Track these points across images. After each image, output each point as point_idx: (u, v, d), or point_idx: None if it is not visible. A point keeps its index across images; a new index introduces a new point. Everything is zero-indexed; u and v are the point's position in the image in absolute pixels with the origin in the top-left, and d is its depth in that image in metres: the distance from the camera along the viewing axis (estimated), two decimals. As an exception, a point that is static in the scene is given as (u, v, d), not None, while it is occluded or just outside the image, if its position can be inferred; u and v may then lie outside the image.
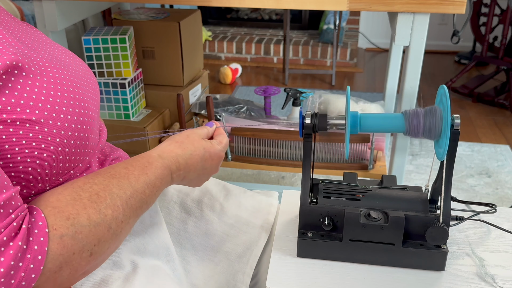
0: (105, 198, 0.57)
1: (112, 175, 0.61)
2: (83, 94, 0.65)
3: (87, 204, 0.56)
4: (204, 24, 4.09)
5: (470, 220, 0.85)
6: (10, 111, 0.54)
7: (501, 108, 2.92)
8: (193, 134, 0.75)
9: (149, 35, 1.69)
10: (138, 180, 0.62)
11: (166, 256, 0.77)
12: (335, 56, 3.24)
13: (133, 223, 0.62)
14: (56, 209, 0.54)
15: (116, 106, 1.60)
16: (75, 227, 0.53)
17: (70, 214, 0.54)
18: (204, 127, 0.79)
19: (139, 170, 0.63)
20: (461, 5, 1.11)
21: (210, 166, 0.75)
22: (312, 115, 0.74)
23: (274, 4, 1.21)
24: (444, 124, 0.70)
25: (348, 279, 0.72)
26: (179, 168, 0.69)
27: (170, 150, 0.69)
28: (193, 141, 0.73)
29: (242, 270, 0.83)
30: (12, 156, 0.55)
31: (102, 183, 0.59)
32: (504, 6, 3.14)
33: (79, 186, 0.58)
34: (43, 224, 0.52)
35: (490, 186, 2.12)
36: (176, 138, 0.73)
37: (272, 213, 0.90)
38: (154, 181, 0.64)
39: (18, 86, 0.56)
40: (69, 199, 0.55)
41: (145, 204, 0.63)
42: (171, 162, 0.68)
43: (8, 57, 0.55)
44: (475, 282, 0.71)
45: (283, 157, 1.58)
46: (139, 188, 0.62)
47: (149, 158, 0.66)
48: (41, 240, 0.51)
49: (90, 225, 0.55)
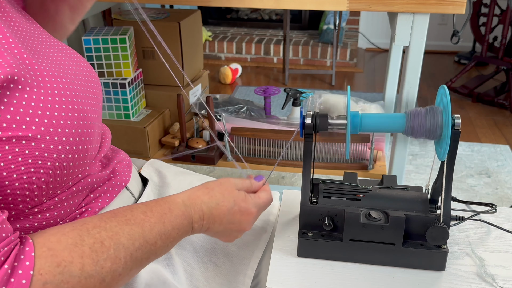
0: (109, 248, 0.54)
1: (127, 220, 0.58)
2: (83, 103, 0.63)
3: (87, 252, 0.52)
4: (204, 24, 4.09)
5: (470, 220, 0.85)
6: (5, 128, 0.52)
7: (501, 108, 2.92)
8: (228, 182, 0.70)
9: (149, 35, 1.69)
10: (152, 229, 0.59)
11: (165, 259, 0.76)
12: (335, 56, 3.24)
13: (135, 273, 0.59)
14: (50, 252, 0.50)
15: (116, 106, 1.60)
16: (63, 275, 0.50)
17: (62, 260, 0.50)
18: (246, 180, 0.73)
19: (157, 218, 0.60)
20: (461, 5, 1.11)
21: (239, 221, 0.70)
22: (312, 115, 0.74)
23: (274, 4, 1.21)
24: (445, 124, 0.70)
25: (348, 279, 0.72)
26: (202, 218, 0.65)
27: (196, 196, 0.66)
28: (224, 190, 0.68)
29: (243, 271, 0.83)
30: (7, 173, 0.53)
31: (113, 230, 0.56)
32: (504, 6, 3.14)
33: (87, 229, 0.54)
34: (30, 264, 0.48)
35: (490, 186, 2.12)
36: (208, 184, 0.69)
37: (273, 214, 0.89)
38: (170, 232, 0.61)
39: (14, 100, 0.53)
40: (70, 243, 0.52)
41: (154, 255, 0.60)
42: (193, 211, 0.64)
43: (4, 70, 0.53)
44: (475, 282, 0.72)
45: (283, 157, 1.58)
46: (151, 239, 0.58)
47: (171, 204, 0.63)
48: (23, 283, 0.47)
49: (80, 276, 0.51)
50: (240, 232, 0.72)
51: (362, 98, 1.65)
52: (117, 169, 0.77)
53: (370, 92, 3.19)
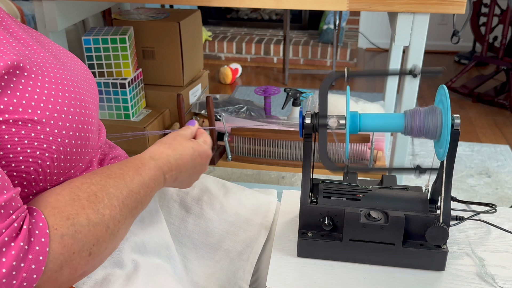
0: (103, 198, 0.58)
1: (108, 175, 0.62)
2: (83, 94, 0.66)
3: (86, 204, 0.56)
4: (204, 24, 4.09)
5: (470, 220, 0.85)
6: (12, 111, 0.55)
7: (501, 108, 2.92)
8: (179, 136, 0.76)
9: (149, 35, 1.69)
10: (133, 180, 0.63)
11: (167, 255, 0.77)
12: (335, 56, 3.24)
13: (130, 223, 0.63)
14: (56, 210, 0.54)
15: (116, 106, 1.60)
16: (75, 226, 0.54)
17: (69, 214, 0.54)
18: (187, 128, 0.80)
19: (133, 171, 0.64)
20: (461, 5, 1.11)
21: (200, 164, 0.77)
22: (312, 115, 0.74)
23: (274, 4, 1.21)
24: (444, 124, 0.70)
25: (348, 279, 0.72)
26: (171, 169, 0.70)
27: (160, 152, 0.71)
28: (181, 142, 0.74)
29: (243, 267, 0.84)
30: (14, 156, 0.55)
31: (99, 183, 0.60)
32: (504, 6, 3.14)
33: (77, 186, 0.58)
34: (44, 225, 0.52)
35: (490, 186, 2.12)
36: (164, 140, 0.74)
37: (272, 211, 0.90)
38: (148, 182, 0.65)
39: (19, 86, 0.56)
40: (68, 200, 0.56)
41: (140, 204, 0.64)
42: (163, 163, 0.69)
43: (10, 57, 0.55)
44: (475, 282, 0.71)
45: (283, 157, 1.58)
46: (134, 188, 0.63)
47: (141, 159, 0.68)
48: (42, 241, 0.51)
49: (89, 225, 0.55)
50: (199, 174, 0.79)
51: (362, 98, 1.65)
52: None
53: (370, 92, 3.19)
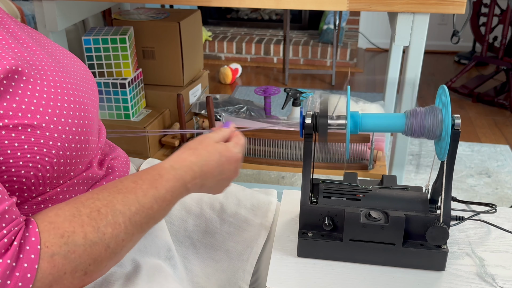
0: (106, 215, 0.55)
1: (118, 189, 0.59)
2: (83, 97, 0.65)
3: (86, 221, 0.54)
4: (204, 24, 4.09)
5: (470, 220, 0.85)
6: (11, 116, 0.54)
7: (501, 108, 2.92)
8: (207, 138, 0.71)
9: (149, 35, 1.69)
10: (146, 195, 0.59)
11: (167, 255, 0.77)
12: (335, 56, 3.24)
13: (138, 239, 0.60)
14: (52, 225, 0.52)
15: (116, 106, 1.60)
16: (68, 246, 0.52)
17: (65, 231, 0.52)
18: (219, 130, 0.75)
19: (148, 184, 0.61)
20: (461, 5, 1.11)
21: (228, 170, 0.71)
22: (312, 115, 0.74)
23: (274, 4, 1.21)
24: (445, 124, 0.70)
25: (348, 279, 0.72)
26: (195, 177, 0.66)
27: (183, 159, 0.66)
28: (207, 146, 0.70)
29: (243, 267, 0.84)
30: (14, 161, 0.55)
31: (106, 199, 0.57)
32: (504, 6, 3.14)
33: (81, 201, 0.56)
34: (36, 240, 0.50)
35: (490, 186, 2.12)
36: (189, 145, 0.70)
37: (272, 211, 0.90)
38: (164, 195, 0.61)
39: (19, 91, 0.56)
40: (68, 215, 0.54)
41: (153, 219, 0.61)
42: (184, 172, 0.65)
43: (8, 62, 0.55)
44: (475, 282, 0.71)
45: (283, 157, 1.58)
46: (146, 204, 0.59)
47: (160, 170, 0.64)
48: (32, 258, 0.49)
49: (85, 244, 0.53)
50: (230, 180, 0.74)
51: (362, 98, 1.65)
52: (114, 165, 0.79)
53: (370, 92, 3.19)
